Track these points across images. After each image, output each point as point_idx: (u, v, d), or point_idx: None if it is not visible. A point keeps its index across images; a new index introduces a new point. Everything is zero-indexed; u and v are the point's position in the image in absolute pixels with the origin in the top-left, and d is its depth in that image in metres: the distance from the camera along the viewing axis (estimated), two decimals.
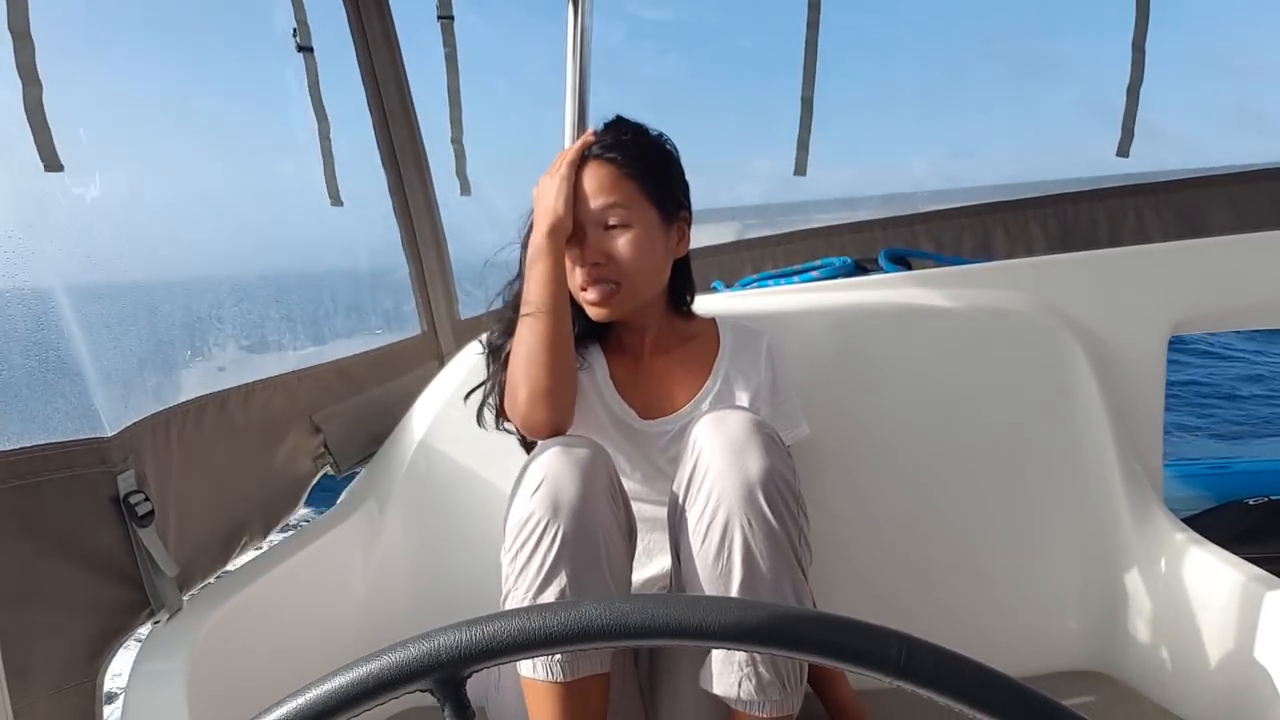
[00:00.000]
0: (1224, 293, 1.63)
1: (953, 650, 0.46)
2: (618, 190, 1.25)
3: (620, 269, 1.25)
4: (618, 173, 1.25)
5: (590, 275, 1.25)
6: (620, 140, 1.27)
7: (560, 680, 1.02)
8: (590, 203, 1.25)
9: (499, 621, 0.48)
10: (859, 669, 0.46)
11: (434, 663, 0.48)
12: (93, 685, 1.01)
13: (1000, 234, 2.28)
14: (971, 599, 1.50)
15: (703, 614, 0.48)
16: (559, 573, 1.00)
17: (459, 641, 0.48)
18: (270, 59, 1.86)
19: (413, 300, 2.18)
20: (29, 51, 1.06)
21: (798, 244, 2.40)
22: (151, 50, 1.50)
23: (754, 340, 1.38)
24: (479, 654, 0.48)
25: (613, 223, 1.24)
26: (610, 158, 1.26)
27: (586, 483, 1.03)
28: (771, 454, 1.04)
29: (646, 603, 0.49)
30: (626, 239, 1.24)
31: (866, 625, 0.47)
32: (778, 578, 1.02)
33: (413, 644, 0.48)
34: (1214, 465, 3.81)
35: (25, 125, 1.08)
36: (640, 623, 0.48)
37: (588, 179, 1.25)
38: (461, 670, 0.49)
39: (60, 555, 0.99)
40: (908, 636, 0.47)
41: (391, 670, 0.48)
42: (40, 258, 1.03)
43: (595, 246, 1.25)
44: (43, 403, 1.03)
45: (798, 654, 0.48)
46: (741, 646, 0.48)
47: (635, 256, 1.25)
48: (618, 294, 1.26)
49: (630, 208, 1.25)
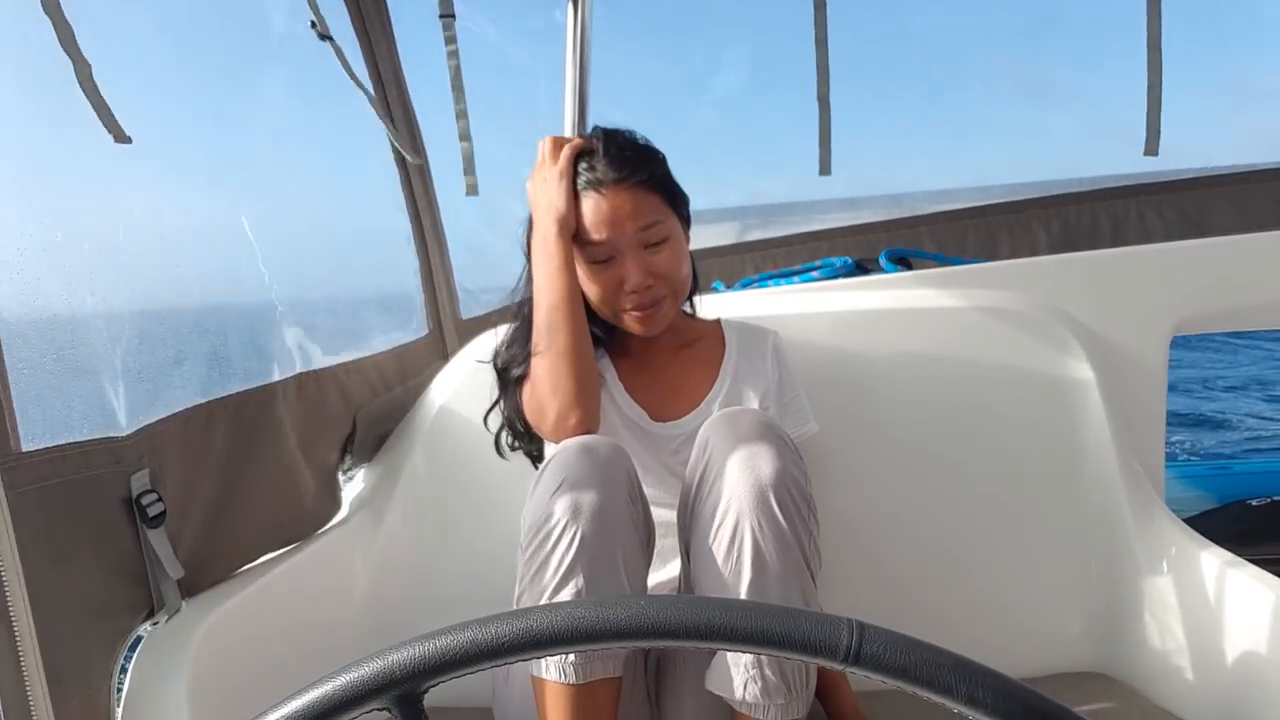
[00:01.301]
0: (1226, 293, 1.63)
1: (904, 634, 0.46)
2: (648, 207, 1.24)
3: (668, 283, 1.26)
4: (640, 191, 1.24)
5: (644, 298, 1.25)
6: (625, 157, 1.25)
7: (572, 682, 1.01)
8: (626, 227, 1.23)
9: (450, 635, 0.48)
10: (810, 659, 0.47)
11: (388, 680, 0.47)
12: (108, 687, 1.01)
13: (1003, 235, 2.28)
14: (972, 599, 1.49)
15: (654, 614, 0.48)
16: (575, 574, 1.00)
17: (412, 657, 0.48)
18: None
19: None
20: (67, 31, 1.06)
21: (799, 245, 2.40)
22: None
23: (760, 340, 1.38)
24: (433, 669, 0.48)
25: (654, 239, 1.24)
26: (629, 179, 1.24)
27: (607, 485, 1.03)
28: (784, 456, 1.04)
29: (597, 606, 0.49)
30: (668, 252, 1.25)
31: (816, 614, 0.48)
32: (786, 580, 1.02)
33: (366, 663, 0.48)
34: (1216, 466, 3.80)
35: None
36: (592, 627, 0.48)
37: (613, 205, 1.23)
38: (418, 686, 0.48)
39: (78, 556, 0.99)
40: (858, 622, 0.47)
41: (346, 691, 0.47)
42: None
43: (642, 269, 1.23)
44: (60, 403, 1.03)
45: (748, 647, 0.48)
46: (693, 643, 0.48)
47: (678, 266, 1.27)
48: (664, 306, 1.27)
49: (664, 221, 1.25)
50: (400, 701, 0.48)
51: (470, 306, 2.25)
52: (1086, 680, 1.43)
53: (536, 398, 1.23)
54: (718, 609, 0.48)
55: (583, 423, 1.20)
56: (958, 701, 0.45)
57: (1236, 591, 1.19)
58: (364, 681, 0.47)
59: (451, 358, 1.69)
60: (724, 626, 0.47)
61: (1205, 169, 2.28)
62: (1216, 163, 2.29)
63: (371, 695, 0.47)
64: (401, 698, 0.48)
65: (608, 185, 1.23)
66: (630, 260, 1.23)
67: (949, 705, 0.45)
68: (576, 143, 1.28)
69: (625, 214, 1.23)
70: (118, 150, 1.10)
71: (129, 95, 1.11)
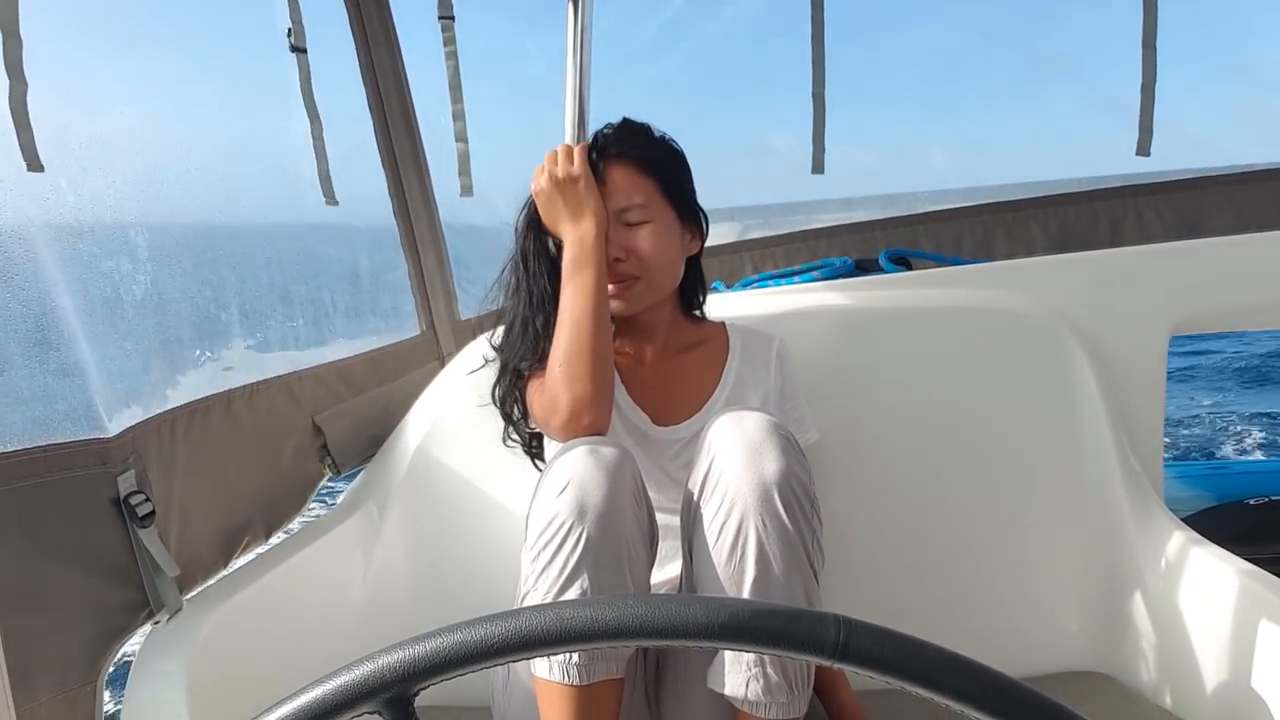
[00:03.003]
0: (1225, 293, 1.63)
1: (891, 629, 0.46)
2: (637, 187, 1.27)
3: (641, 263, 1.27)
4: (635, 170, 1.27)
5: (612, 271, 1.26)
6: (633, 139, 1.30)
7: (575, 684, 1.01)
8: (610, 200, 1.26)
9: (440, 638, 0.48)
10: (798, 655, 0.47)
11: (379, 683, 0.47)
12: (94, 687, 1.01)
13: (1001, 234, 2.28)
14: (971, 599, 1.50)
15: (644, 613, 0.48)
16: (580, 575, 1.00)
17: (403, 660, 0.47)
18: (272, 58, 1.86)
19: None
20: (17, 49, 1.06)
21: (798, 244, 2.40)
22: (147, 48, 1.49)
23: (764, 345, 1.38)
24: (424, 671, 0.47)
25: (633, 219, 1.27)
26: (627, 155, 1.28)
27: (612, 486, 1.03)
28: (788, 455, 1.04)
29: (587, 606, 0.48)
30: (646, 232, 1.27)
31: (803, 610, 0.48)
32: (790, 579, 1.02)
33: (357, 666, 0.48)
34: (1214, 465, 3.81)
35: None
36: (583, 627, 0.48)
37: (608, 176, 1.27)
38: (409, 689, 0.48)
39: (61, 557, 0.99)
40: (845, 618, 0.47)
41: (337, 694, 0.47)
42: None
43: (616, 242, 1.26)
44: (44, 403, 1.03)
45: (737, 645, 0.48)
46: (684, 642, 0.48)
47: (655, 249, 1.27)
48: (635, 287, 1.28)
49: (650, 204, 1.27)
50: (392, 705, 0.48)
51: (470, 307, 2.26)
52: (1086, 680, 1.43)
53: (550, 394, 1.21)
54: (707, 607, 0.48)
55: (595, 424, 1.19)
56: (946, 696, 0.45)
57: (1236, 591, 1.19)
58: (355, 685, 0.47)
59: (448, 358, 1.68)
60: (713, 624, 0.47)
61: (1205, 169, 2.28)
62: (1222, 157, 2.29)
63: (363, 698, 0.47)
64: (393, 700, 0.48)
65: (609, 158, 1.28)
66: (608, 232, 1.25)
67: (939, 700, 0.45)
68: (584, 145, 1.29)
69: (613, 187, 1.26)
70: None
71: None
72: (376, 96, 2.05)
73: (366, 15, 2.00)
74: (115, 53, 1.38)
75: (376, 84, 2.04)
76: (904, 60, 16.19)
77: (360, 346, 1.86)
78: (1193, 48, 26.56)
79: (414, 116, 2.12)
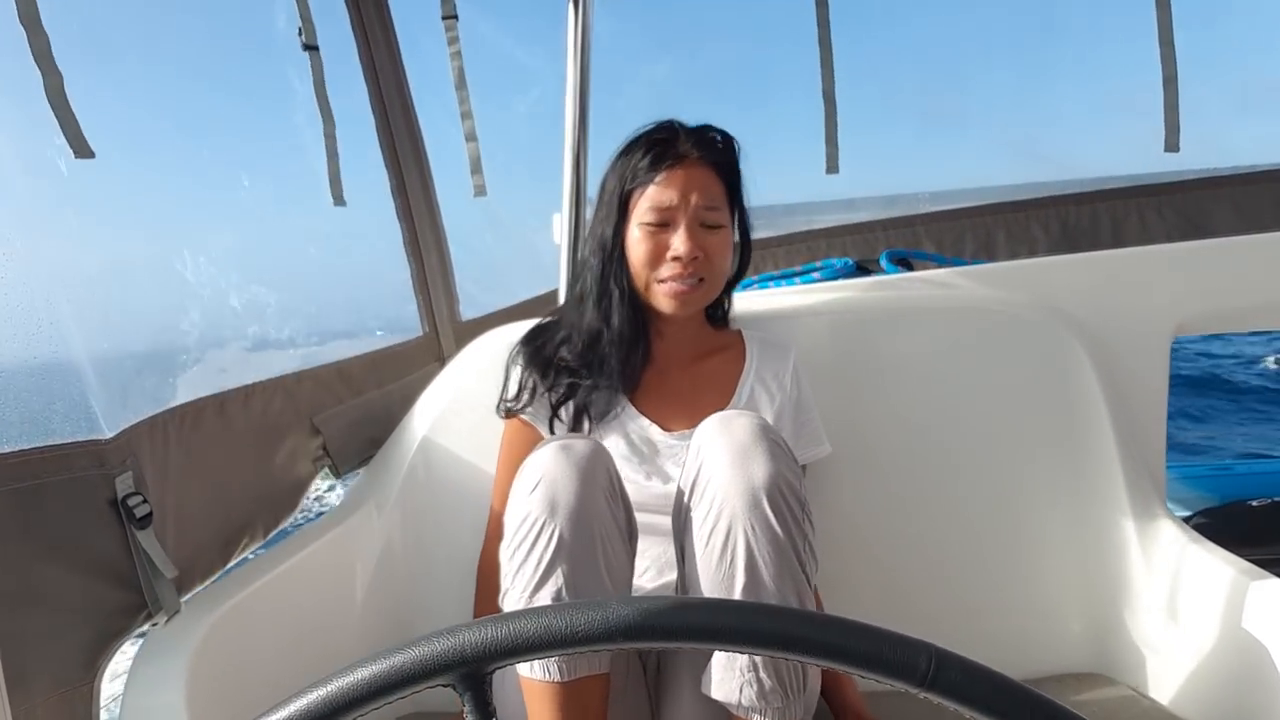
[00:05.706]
0: (1227, 294, 1.63)
1: (981, 664, 0.46)
2: (715, 190, 1.29)
3: (711, 267, 1.30)
4: (717, 176, 1.30)
5: (688, 268, 1.27)
6: (708, 139, 1.31)
7: (558, 680, 1.01)
8: (693, 198, 1.27)
9: (524, 619, 0.48)
10: (888, 679, 0.46)
11: (459, 658, 0.48)
12: (90, 689, 1.01)
13: (1002, 235, 2.28)
14: (973, 600, 1.49)
15: (735, 618, 0.48)
16: (555, 572, 1.00)
17: (485, 638, 0.48)
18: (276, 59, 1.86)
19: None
20: (44, 41, 1.06)
21: (799, 245, 2.40)
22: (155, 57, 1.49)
23: (781, 356, 1.39)
24: (503, 651, 0.48)
25: (711, 222, 1.29)
26: (714, 160, 1.30)
27: (584, 482, 1.03)
28: (777, 459, 1.03)
29: (677, 605, 0.48)
30: (720, 237, 1.30)
31: (896, 636, 0.47)
32: (781, 583, 1.01)
33: (438, 638, 0.48)
34: (1216, 466, 3.80)
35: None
36: (672, 624, 0.48)
37: (691, 175, 1.28)
38: (485, 666, 0.48)
39: (58, 558, 0.99)
40: (936, 648, 0.46)
41: (416, 663, 0.48)
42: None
43: (695, 241, 1.27)
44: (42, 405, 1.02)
45: (825, 661, 0.47)
46: (767, 652, 0.48)
47: (723, 256, 1.31)
48: (700, 290, 1.30)
49: (723, 210, 1.30)
50: (466, 680, 0.48)
51: (470, 308, 2.26)
52: (1087, 680, 1.43)
53: (492, 535, 1.25)
54: (812, 622, 0.48)
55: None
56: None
57: (1236, 591, 1.18)
58: (435, 656, 0.48)
59: (449, 359, 1.68)
60: (807, 639, 0.47)
61: (1212, 169, 2.27)
62: (1231, 159, 2.28)
63: (439, 671, 0.48)
64: (468, 676, 0.48)
65: (690, 160, 1.28)
66: (686, 230, 1.27)
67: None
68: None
69: (695, 186, 1.28)
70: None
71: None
72: (378, 97, 2.05)
73: (367, 15, 2.00)
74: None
75: (378, 84, 2.04)
76: (904, 60, 16.08)
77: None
78: (1196, 49, 26.51)
79: (415, 117, 2.12)
